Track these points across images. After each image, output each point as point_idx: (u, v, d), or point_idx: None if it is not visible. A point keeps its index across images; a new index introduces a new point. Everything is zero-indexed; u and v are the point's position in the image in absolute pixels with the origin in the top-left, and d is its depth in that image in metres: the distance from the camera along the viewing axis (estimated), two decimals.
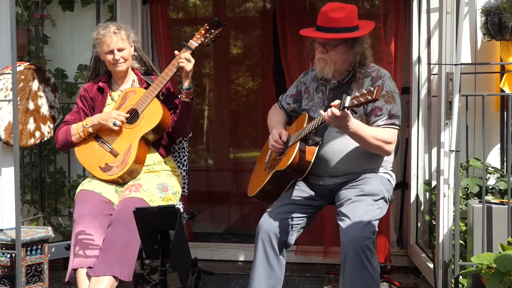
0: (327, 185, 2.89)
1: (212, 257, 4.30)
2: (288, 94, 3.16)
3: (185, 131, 3.19)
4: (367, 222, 2.63)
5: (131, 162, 3.00)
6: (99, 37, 3.09)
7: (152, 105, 3.07)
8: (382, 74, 2.84)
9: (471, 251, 3.02)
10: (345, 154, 2.82)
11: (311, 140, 2.81)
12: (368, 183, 2.80)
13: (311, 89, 3.00)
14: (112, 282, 2.73)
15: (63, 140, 3.13)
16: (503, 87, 3.40)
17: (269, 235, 2.76)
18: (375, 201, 2.73)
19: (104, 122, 3.03)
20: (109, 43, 3.05)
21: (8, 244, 3.23)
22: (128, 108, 3.08)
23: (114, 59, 3.07)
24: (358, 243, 2.57)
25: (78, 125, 3.11)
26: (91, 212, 2.87)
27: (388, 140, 2.73)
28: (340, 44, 2.79)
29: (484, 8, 3.36)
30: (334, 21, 2.75)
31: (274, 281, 2.77)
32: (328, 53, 2.80)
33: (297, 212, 2.84)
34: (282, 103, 3.17)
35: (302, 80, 3.09)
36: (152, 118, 3.05)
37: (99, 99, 3.17)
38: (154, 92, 3.08)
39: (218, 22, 3.19)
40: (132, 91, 3.14)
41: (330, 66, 2.82)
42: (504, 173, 3.41)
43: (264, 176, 2.97)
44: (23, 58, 3.90)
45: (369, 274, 2.59)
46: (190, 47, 3.13)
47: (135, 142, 3.03)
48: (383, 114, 2.75)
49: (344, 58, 2.82)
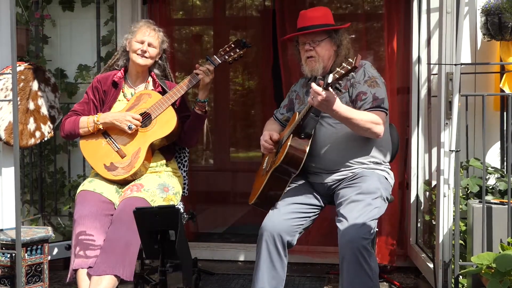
0: (326, 182, 2.91)
1: (212, 257, 4.30)
2: (282, 105, 3.23)
3: (192, 141, 3.20)
4: (364, 222, 2.63)
5: (138, 166, 2.99)
6: (137, 26, 3.15)
7: (167, 113, 3.05)
8: (363, 62, 2.92)
9: (471, 251, 3.02)
10: (337, 145, 2.86)
11: (303, 133, 2.83)
12: (365, 181, 2.81)
13: (301, 94, 3.08)
14: (114, 281, 2.72)
15: (69, 131, 3.10)
16: (503, 87, 3.40)
17: (273, 236, 2.76)
18: (372, 200, 2.74)
19: (119, 124, 3.01)
20: (145, 33, 3.10)
21: (8, 244, 3.23)
22: (141, 110, 3.07)
23: (142, 50, 3.09)
24: (355, 244, 2.58)
25: (88, 118, 3.07)
26: (92, 213, 2.87)
27: (377, 121, 2.76)
28: (324, 40, 2.91)
29: (484, 8, 3.36)
30: (312, 19, 2.92)
31: (277, 282, 2.77)
32: (315, 49, 2.90)
33: (300, 213, 2.84)
34: (276, 115, 3.23)
35: (293, 89, 3.19)
36: (166, 125, 3.04)
37: (111, 93, 3.16)
38: (171, 100, 3.07)
39: (245, 43, 3.18)
40: (147, 94, 3.12)
41: (319, 63, 2.91)
42: (504, 173, 3.41)
43: (263, 179, 2.97)
44: (23, 58, 3.90)
45: (367, 275, 2.59)
46: (214, 62, 3.12)
47: (144, 147, 3.01)
48: (368, 98, 2.81)
49: (330, 53, 2.93)
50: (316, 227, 4.04)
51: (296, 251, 4.09)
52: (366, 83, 2.84)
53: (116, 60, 3.25)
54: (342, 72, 2.51)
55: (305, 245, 4.09)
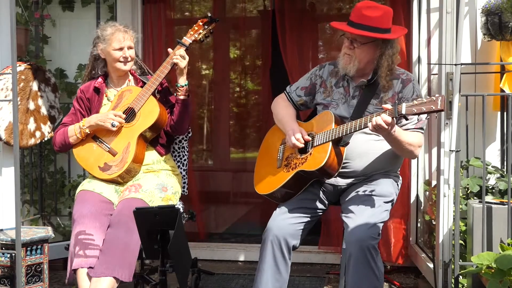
0: (339, 185, 2.86)
1: (212, 257, 4.30)
2: (299, 86, 3.00)
3: (183, 128, 3.17)
4: (375, 223, 2.62)
5: (129, 161, 3.00)
6: (107, 34, 3.08)
7: (149, 103, 3.06)
8: (412, 77, 2.81)
9: (471, 251, 3.02)
10: (367, 156, 2.79)
11: (342, 141, 2.73)
12: (380, 184, 2.78)
13: (328, 84, 2.91)
14: (113, 283, 2.72)
15: (60, 142, 3.12)
16: (503, 87, 3.40)
17: (278, 239, 2.73)
18: (385, 203, 2.72)
19: (102, 123, 3.03)
20: (121, 40, 3.06)
21: (8, 244, 3.23)
22: (125, 107, 3.08)
23: (124, 57, 3.08)
24: (365, 243, 2.56)
25: (75, 126, 3.10)
26: (91, 212, 2.87)
27: (419, 145, 2.73)
28: (369, 43, 2.72)
29: (484, 8, 3.36)
30: (366, 18, 2.68)
31: (280, 284, 2.76)
32: (354, 49, 2.74)
33: (306, 216, 2.81)
34: (292, 95, 3.01)
35: (318, 73, 2.96)
36: (149, 116, 3.04)
37: (96, 100, 3.16)
38: (150, 90, 3.08)
39: (212, 17, 3.19)
40: (128, 90, 3.14)
41: (354, 64, 2.76)
42: (504, 173, 3.41)
43: (282, 174, 2.85)
44: (23, 58, 3.90)
45: (374, 274, 2.58)
46: (184, 44, 3.13)
47: (133, 141, 3.03)
48: (414, 118, 2.71)
49: (370, 58, 2.76)
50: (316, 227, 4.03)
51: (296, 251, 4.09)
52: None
53: (91, 69, 3.23)
54: (423, 109, 2.39)
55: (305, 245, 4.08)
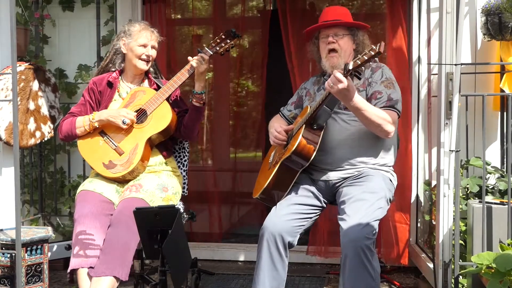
0: (331, 180, 2.91)
1: (212, 257, 4.30)
2: (289, 102, 3.24)
3: (193, 135, 3.19)
4: (368, 222, 2.63)
5: (136, 162, 3.00)
6: (134, 29, 3.12)
7: (162, 108, 3.06)
8: (381, 64, 2.98)
9: (471, 251, 3.02)
10: (348, 141, 2.87)
11: (315, 124, 2.83)
12: (370, 180, 2.81)
13: (312, 91, 3.10)
14: (113, 282, 2.73)
15: (66, 132, 3.11)
16: (503, 87, 3.40)
17: (274, 236, 2.75)
18: (377, 200, 2.74)
19: (113, 120, 3.02)
20: (148, 38, 3.11)
21: (8, 244, 3.24)
22: (137, 107, 3.08)
23: (147, 54, 3.10)
24: (358, 243, 2.57)
25: (84, 118, 3.09)
26: (92, 212, 2.87)
27: (389, 120, 2.77)
28: (346, 36, 2.96)
29: (484, 8, 3.37)
30: (336, 15, 2.99)
31: (278, 282, 2.77)
32: (338, 42, 2.94)
33: (301, 214, 2.84)
34: (283, 112, 3.24)
35: (303, 86, 3.20)
36: (162, 120, 3.04)
37: (107, 94, 3.16)
38: (165, 95, 3.08)
39: (234, 33, 3.17)
40: (141, 90, 3.13)
41: (341, 58, 2.94)
42: (504, 173, 3.41)
43: (270, 172, 2.95)
44: (23, 58, 3.90)
45: (369, 274, 2.59)
46: (206, 54, 3.10)
47: (141, 143, 3.02)
48: (383, 97, 2.83)
49: (350, 50, 2.97)
50: (316, 228, 4.04)
51: (296, 251, 4.10)
52: (383, 84, 2.87)
53: (109, 62, 3.24)
54: (365, 58, 2.50)
55: (305, 245, 4.09)
